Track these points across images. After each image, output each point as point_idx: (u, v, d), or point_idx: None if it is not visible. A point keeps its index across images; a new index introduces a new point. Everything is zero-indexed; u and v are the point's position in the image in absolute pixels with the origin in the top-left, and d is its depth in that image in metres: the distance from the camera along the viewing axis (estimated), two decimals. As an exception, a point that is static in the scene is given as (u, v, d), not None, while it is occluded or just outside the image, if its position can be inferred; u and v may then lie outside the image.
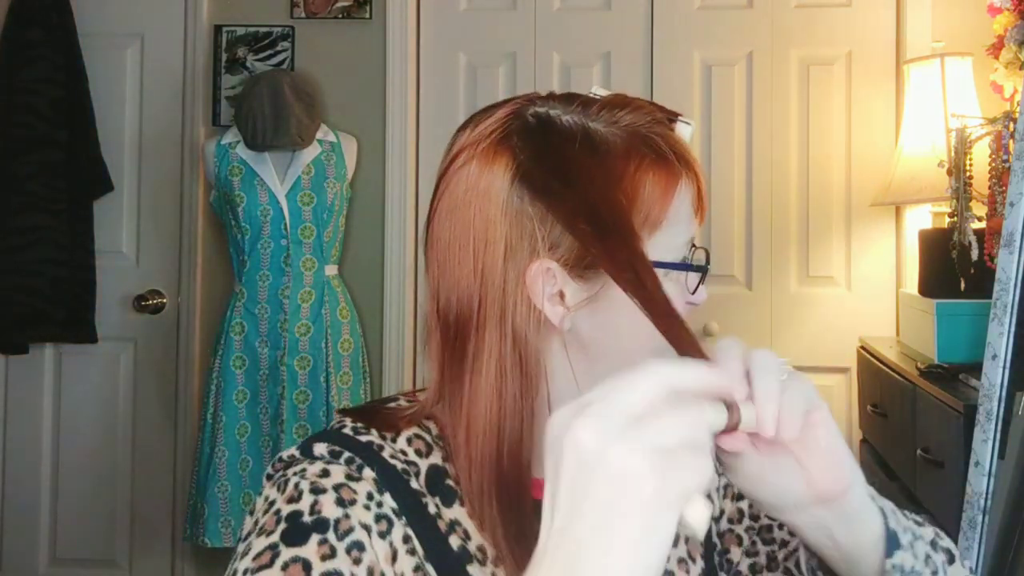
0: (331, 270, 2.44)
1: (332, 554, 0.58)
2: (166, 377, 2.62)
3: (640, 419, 0.42)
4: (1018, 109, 1.68)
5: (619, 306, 0.62)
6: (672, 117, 0.68)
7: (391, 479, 0.64)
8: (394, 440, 0.67)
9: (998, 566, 1.28)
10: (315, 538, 0.59)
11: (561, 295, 0.64)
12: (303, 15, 2.60)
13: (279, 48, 2.61)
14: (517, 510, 0.62)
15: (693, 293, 0.68)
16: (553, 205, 0.62)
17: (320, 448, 0.65)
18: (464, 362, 0.64)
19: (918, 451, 1.66)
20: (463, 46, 2.64)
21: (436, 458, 0.67)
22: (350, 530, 0.59)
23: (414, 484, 0.65)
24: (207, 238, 2.62)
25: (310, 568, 0.57)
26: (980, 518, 1.33)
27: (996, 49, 2.11)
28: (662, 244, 0.65)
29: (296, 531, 0.59)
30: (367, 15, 2.59)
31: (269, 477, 0.67)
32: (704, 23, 2.55)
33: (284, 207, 2.34)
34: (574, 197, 0.61)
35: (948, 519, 1.52)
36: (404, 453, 0.66)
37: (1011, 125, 1.65)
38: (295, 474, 0.63)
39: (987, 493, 1.33)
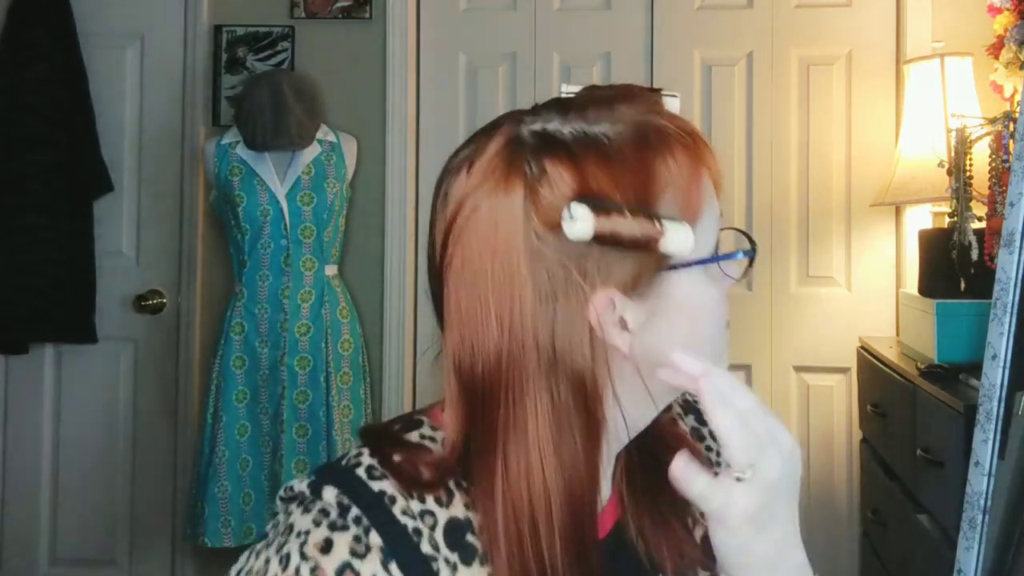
0: (331, 270, 2.44)
1: None
2: (166, 377, 2.62)
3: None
4: (1018, 109, 1.68)
5: (676, 306, 0.61)
6: (656, 95, 0.65)
7: (398, 545, 0.57)
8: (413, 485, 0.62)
9: (998, 566, 1.28)
10: None
11: (622, 321, 0.59)
12: (303, 15, 2.60)
13: (279, 48, 2.61)
14: (585, 557, 0.58)
15: (743, 276, 0.67)
16: (596, 232, 0.56)
17: (329, 495, 0.59)
18: (496, 434, 0.58)
19: (918, 451, 1.66)
20: (463, 46, 2.64)
21: (458, 508, 0.60)
22: None
23: (425, 548, 0.58)
24: (207, 238, 2.62)
25: None
26: (980, 518, 1.33)
27: (996, 49, 2.11)
28: (702, 230, 0.61)
29: None
30: (367, 15, 2.59)
31: (277, 511, 0.62)
32: (704, 23, 2.55)
33: (284, 207, 2.34)
34: (617, 215, 0.56)
35: (948, 519, 1.52)
36: (422, 502, 0.60)
37: (1011, 125, 1.65)
38: (298, 542, 0.57)
39: (987, 493, 1.33)
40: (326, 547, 0.56)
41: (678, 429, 0.75)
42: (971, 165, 1.82)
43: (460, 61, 2.64)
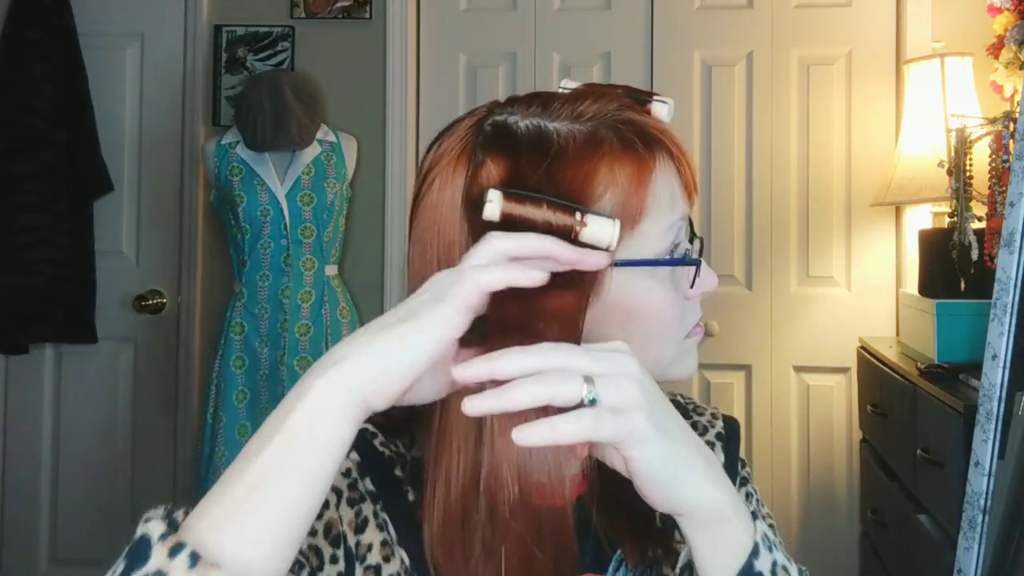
0: (331, 270, 2.44)
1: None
2: (166, 377, 2.62)
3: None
4: (1018, 109, 1.68)
5: (610, 301, 0.62)
6: (645, 99, 0.66)
7: (375, 465, 0.66)
8: (390, 432, 0.69)
9: (998, 566, 1.28)
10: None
11: None
12: (303, 15, 2.60)
13: (279, 48, 2.61)
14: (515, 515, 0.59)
15: (692, 287, 0.65)
16: (504, 214, 0.59)
17: None
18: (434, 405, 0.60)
19: (918, 451, 1.66)
20: (463, 46, 2.64)
21: (419, 449, 0.68)
22: None
23: (398, 472, 0.66)
24: (207, 238, 2.62)
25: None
26: (980, 518, 1.33)
27: (996, 49, 2.11)
28: (645, 233, 0.62)
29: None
30: (367, 15, 2.59)
31: None
32: (704, 23, 2.55)
33: (284, 207, 2.34)
34: (531, 204, 0.59)
35: (948, 519, 1.52)
36: (396, 445, 0.68)
37: (1011, 125, 1.65)
38: None
39: (987, 493, 1.33)
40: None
41: None
42: (971, 165, 1.82)
43: (460, 61, 2.64)
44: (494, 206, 0.58)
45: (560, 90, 0.67)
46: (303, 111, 2.34)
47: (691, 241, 0.67)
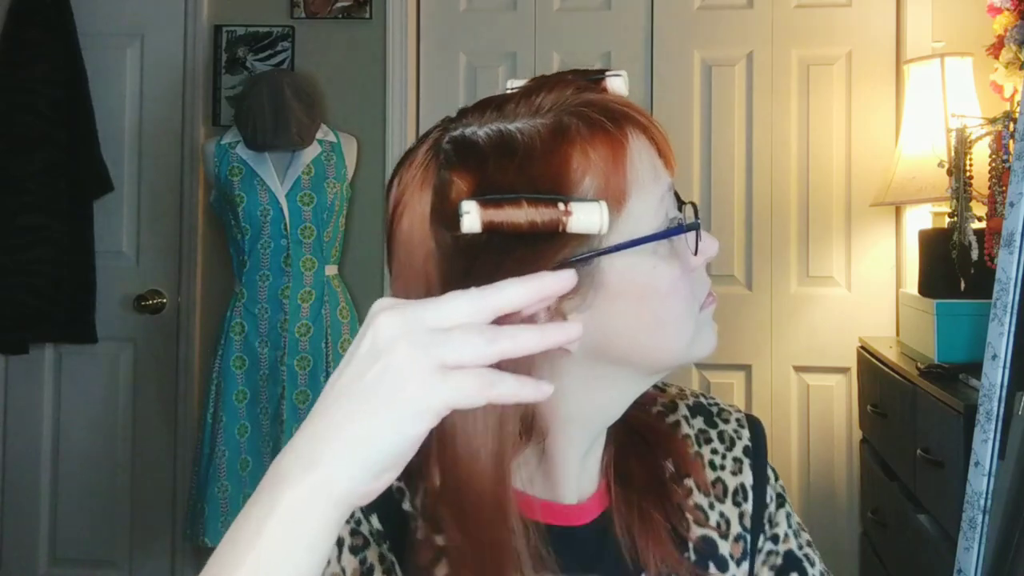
0: (331, 270, 2.44)
1: None
2: (166, 377, 2.62)
3: (442, 333, 0.46)
4: (1018, 109, 1.68)
5: (617, 291, 0.60)
6: (598, 76, 0.63)
7: (381, 500, 0.59)
8: None
9: (998, 566, 1.28)
10: None
11: (559, 313, 0.58)
12: (303, 15, 2.60)
13: (279, 48, 2.61)
14: (511, 533, 0.57)
15: (696, 254, 0.62)
16: (485, 222, 0.55)
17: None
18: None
19: (918, 451, 1.66)
20: (463, 46, 2.64)
21: (436, 476, 0.64)
22: None
23: (406, 505, 0.63)
24: (207, 238, 2.62)
25: None
26: (980, 518, 1.33)
27: (996, 49, 2.11)
28: (636, 212, 0.59)
29: None
30: (367, 15, 2.59)
31: None
32: (704, 23, 2.55)
33: (284, 207, 2.34)
34: (510, 205, 0.56)
35: (948, 519, 1.52)
36: (409, 467, 0.64)
37: (1011, 125, 1.65)
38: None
39: (987, 493, 1.33)
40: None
41: (663, 425, 0.74)
42: (971, 165, 1.82)
43: (460, 61, 2.64)
44: (472, 217, 0.54)
45: (508, 90, 0.64)
46: (303, 111, 2.34)
47: (679, 209, 0.63)
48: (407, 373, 0.46)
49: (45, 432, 2.66)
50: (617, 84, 0.62)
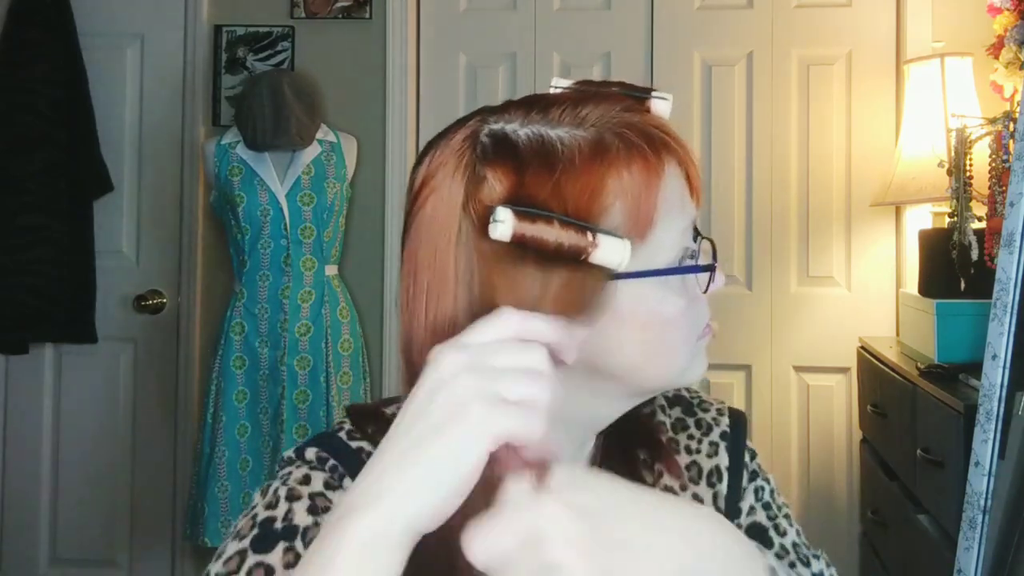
0: (331, 270, 2.44)
1: (296, 561, 0.59)
2: (166, 377, 2.62)
3: (500, 369, 0.49)
4: (1018, 109, 1.68)
5: (623, 315, 0.60)
6: (643, 95, 0.63)
7: None
8: None
9: (998, 566, 1.28)
10: (281, 545, 0.60)
11: None
12: (303, 15, 2.60)
13: (279, 48, 2.61)
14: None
15: (705, 291, 0.64)
16: (515, 234, 0.56)
17: (311, 452, 0.66)
18: None
19: (918, 451, 1.66)
20: (463, 46, 2.64)
21: None
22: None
23: None
24: (207, 238, 2.62)
25: (272, 573, 0.59)
26: (980, 518, 1.33)
27: (996, 49, 2.11)
28: (657, 241, 0.60)
29: (265, 538, 0.61)
30: (367, 15, 2.59)
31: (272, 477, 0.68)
32: (704, 23, 2.55)
33: (284, 207, 2.34)
34: (543, 223, 0.57)
35: (948, 519, 1.52)
36: None
37: (1011, 125, 1.65)
38: (280, 479, 0.65)
39: (987, 493, 1.33)
40: (304, 480, 0.64)
41: (638, 414, 0.75)
42: (971, 165, 1.82)
43: (460, 61, 2.64)
44: (505, 227, 0.54)
45: (552, 90, 0.64)
46: (303, 111, 2.34)
47: (694, 240, 0.64)
48: (470, 398, 0.48)
49: (45, 432, 2.66)
50: (662, 108, 0.63)
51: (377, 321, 2.56)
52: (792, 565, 0.74)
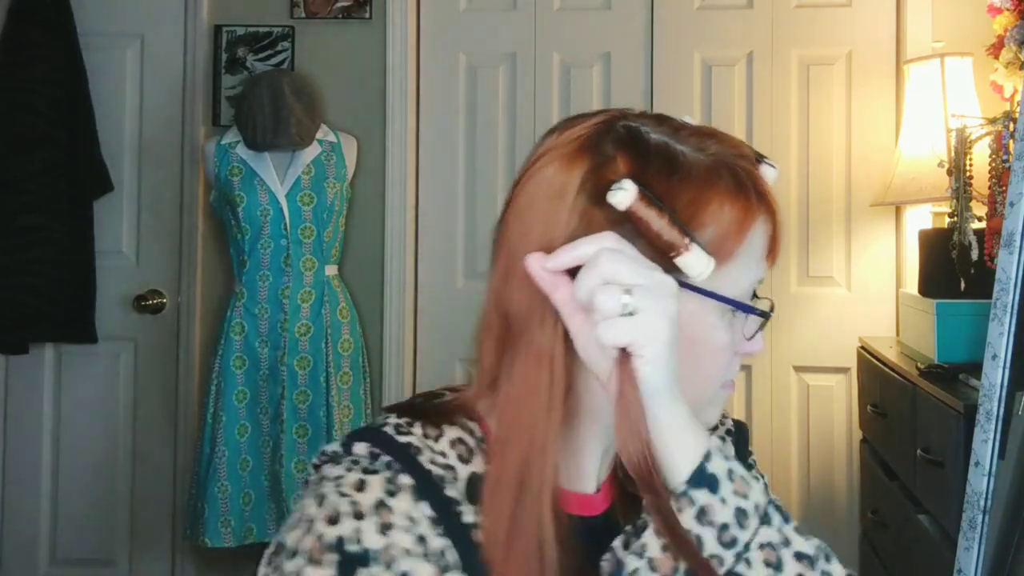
0: (331, 270, 2.44)
1: None
2: (166, 377, 2.62)
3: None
4: (1018, 109, 1.68)
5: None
6: (759, 157, 0.69)
7: (427, 486, 0.62)
8: (436, 440, 0.65)
9: (998, 566, 1.28)
10: (362, 572, 0.57)
11: None
12: (303, 15, 2.60)
13: (279, 48, 2.61)
14: (554, 520, 0.62)
15: (750, 339, 0.68)
16: (631, 208, 0.61)
17: (360, 448, 0.64)
18: (516, 354, 0.64)
19: (918, 451, 1.66)
20: (463, 46, 2.64)
21: (478, 464, 0.65)
22: (392, 560, 0.57)
23: (449, 491, 0.62)
24: (207, 238, 2.62)
25: None
26: (980, 518, 1.33)
27: (996, 49, 2.11)
28: (729, 278, 0.65)
29: (345, 566, 0.57)
30: (367, 15, 2.59)
31: (310, 476, 0.66)
32: (704, 23, 2.55)
33: (284, 207, 2.34)
34: (657, 210, 0.62)
35: (948, 519, 1.52)
36: (444, 456, 0.64)
37: (1011, 125, 1.65)
38: (333, 483, 0.61)
39: (987, 493, 1.33)
40: (360, 486, 0.61)
41: None
42: (971, 165, 1.82)
43: (460, 61, 2.64)
44: (627, 195, 0.60)
45: (682, 121, 0.69)
46: (303, 111, 2.34)
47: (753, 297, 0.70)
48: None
49: (45, 432, 2.66)
50: (770, 175, 0.68)
51: (377, 321, 2.56)
52: None
